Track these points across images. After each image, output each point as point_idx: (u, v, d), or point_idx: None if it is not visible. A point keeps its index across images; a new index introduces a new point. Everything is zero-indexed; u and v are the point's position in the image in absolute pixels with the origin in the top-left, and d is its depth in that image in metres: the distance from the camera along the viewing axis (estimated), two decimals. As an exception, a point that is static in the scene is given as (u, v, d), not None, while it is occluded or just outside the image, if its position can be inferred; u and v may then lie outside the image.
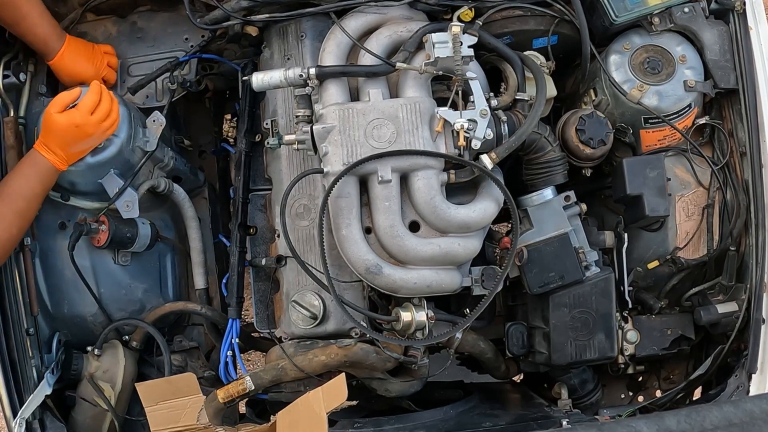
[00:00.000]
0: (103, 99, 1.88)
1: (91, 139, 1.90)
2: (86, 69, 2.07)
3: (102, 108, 1.88)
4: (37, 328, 2.00)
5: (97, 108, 1.87)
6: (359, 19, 1.98)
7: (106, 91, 1.91)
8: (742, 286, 2.04)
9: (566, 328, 2.01)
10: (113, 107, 1.91)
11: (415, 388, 2.06)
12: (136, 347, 2.14)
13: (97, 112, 1.87)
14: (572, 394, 2.20)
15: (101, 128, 1.89)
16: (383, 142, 1.83)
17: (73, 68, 2.05)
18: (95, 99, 1.87)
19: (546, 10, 2.04)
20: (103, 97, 1.89)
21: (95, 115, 1.86)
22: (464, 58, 1.84)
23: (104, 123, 1.88)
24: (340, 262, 1.88)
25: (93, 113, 1.86)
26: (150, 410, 1.92)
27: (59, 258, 2.04)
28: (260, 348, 2.34)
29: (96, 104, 1.87)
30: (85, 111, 1.85)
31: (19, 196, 1.86)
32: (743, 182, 2.04)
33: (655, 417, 1.52)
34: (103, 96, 1.89)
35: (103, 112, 1.88)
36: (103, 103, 1.88)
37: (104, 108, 1.88)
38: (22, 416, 1.89)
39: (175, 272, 2.26)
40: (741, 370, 1.97)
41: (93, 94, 1.87)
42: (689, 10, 2.03)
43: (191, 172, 2.31)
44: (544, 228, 1.99)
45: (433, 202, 1.83)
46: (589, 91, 2.12)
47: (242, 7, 2.00)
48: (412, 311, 1.87)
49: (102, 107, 1.88)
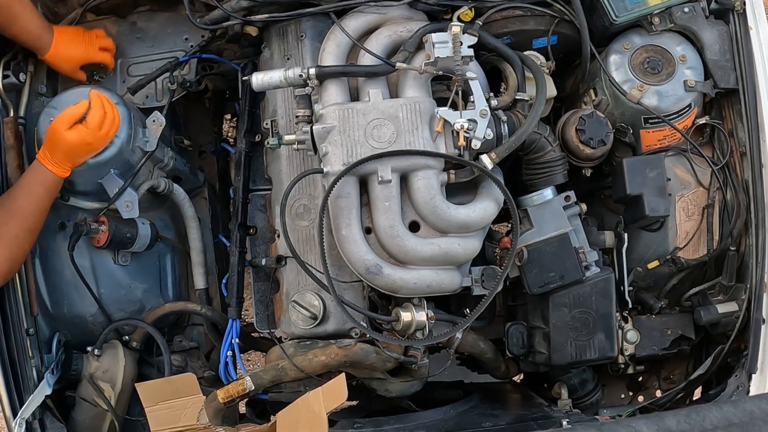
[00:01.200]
0: (107, 111, 1.89)
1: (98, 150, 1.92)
2: (79, 53, 2.08)
3: (108, 121, 1.89)
4: (37, 328, 2.00)
5: (104, 121, 1.88)
6: (359, 19, 1.98)
7: (106, 101, 1.91)
8: (742, 286, 2.04)
9: (566, 328, 2.01)
10: (115, 114, 1.92)
11: (415, 388, 2.06)
12: (136, 347, 2.14)
13: (104, 126, 1.88)
14: (572, 394, 2.20)
15: (108, 138, 1.91)
16: (383, 142, 1.83)
17: (67, 55, 2.06)
18: (102, 114, 1.88)
19: (546, 10, 2.04)
20: (106, 108, 1.89)
21: (103, 129, 1.88)
22: (464, 58, 1.84)
23: (110, 132, 1.91)
24: (340, 262, 1.88)
25: (101, 128, 1.87)
26: (150, 410, 1.92)
27: (59, 258, 2.04)
28: (260, 348, 2.34)
29: (103, 118, 1.88)
30: (95, 128, 1.86)
31: (29, 214, 1.89)
32: (743, 182, 2.04)
33: (655, 417, 1.52)
34: (106, 108, 1.89)
35: (109, 125, 1.89)
36: (108, 115, 1.89)
37: (109, 120, 1.90)
38: (22, 416, 1.90)
39: (175, 272, 2.26)
40: (741, 370, 1.97)
41: (98, 109, 1.87)
42: (689, 10, 2.03)
43: (191, 172, 2.31)
44: (544, 228, 1.99)
45: (433, 202, 1.83)
46: (589, 91, 2.12)
47: (242, 7, 1.99)
48: (412, 311, 1.87)
49: (107, 120, 1.89)
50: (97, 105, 1.88)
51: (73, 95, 2.00)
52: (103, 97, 1.91)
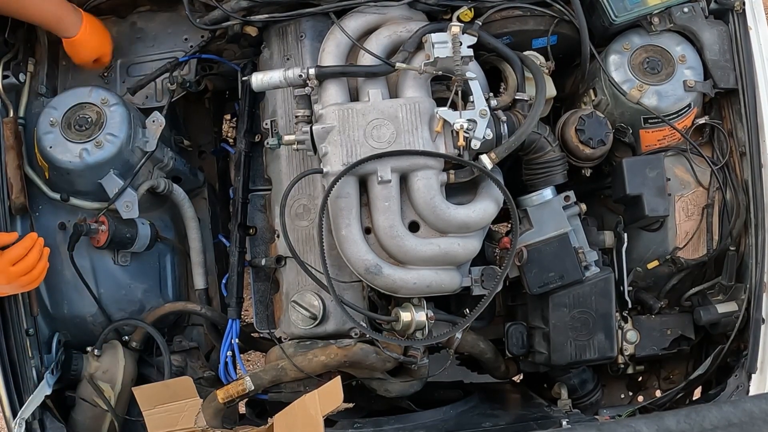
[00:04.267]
0: (31, 253, 1.84)
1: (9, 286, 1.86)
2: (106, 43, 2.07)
3: (27, 263, 1.83)
4: (36, 328, 2.00)
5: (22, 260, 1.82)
6: (359, 19, 1.98)
7: (37, 247, 1.86)
8: (742, 286, 2.04)
9: (566, 328, 2.01)
10: (38, 266, 1.86)
11: (415, 388, 2.06)
12: (135, 347, 2.14)
13: (19, 265, 1.82)
14: (572, 394, 2.20)
15: (19, 282, 1.85)
16: (383, 142, 1.83)
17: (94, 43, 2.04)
18: (21, 253, 1.82)
19: (545, 10, 2.04)
20: (32, 252, 1.84)
21: (17, 267, 1.82)
22: (464, 58, 1.84)
23: (23, 278, 1.84)
24: (340, 262, 1.88)
25: (15, 265, 1.82)
26: (147, 414, 1.92)
27: (59, 258, 2.04)
28: (260, 348, 2.34)
29: (21, 257, 1.82)
30: (7, 261, 1.80)
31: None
32: (743, 182, 2.05)
33: (655, 417, 1.52)
34: (32, 251, 1.84)
35: (25, 266, 1.83)
36: (29, 257, 1.84)
37: (28, 262, 1.84)
38: (22, 416, 1.90)
39: (175, 272, 2.26)
40: (741, 370, 1.97)
41: (21, 249, 1.83)
42: (689, 10, 2.03)
43: (191, 173, 2.31)
44: (543, 228, 1.99)
45: (433, 203, 1.83)
46: (588, 91, 2.12)
47: (242, 8, 2.00)
48: (411, 311, 1.87)
49: (26, 262, 1.83)
50: (22, 245, 1.83)
51: (72, 95, 2.01)
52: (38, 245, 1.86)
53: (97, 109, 1.99)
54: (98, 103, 2.00)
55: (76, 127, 1.98)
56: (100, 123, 1.98)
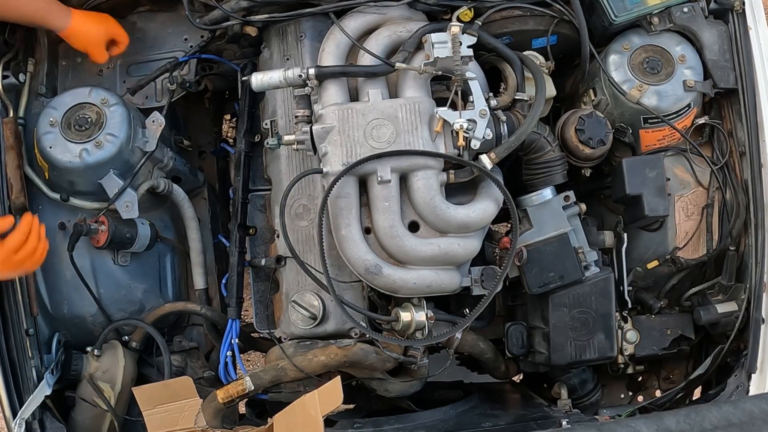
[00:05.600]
0: (30, 238, 1.83)
1: (13, 273, 1.87)
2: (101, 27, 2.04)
3: (26, 249, 1.83)
4: (36, 328, 2.00)
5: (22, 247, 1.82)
6: (358, 20, 1.98)
7: (35, 230, 1.85)
8: (742, 285, 2.04)
9: (566, 328, 2.01)
10: (39, 247, 1.86)
11: (415, 388, 2.06)
12: (135, 348, 2.14)
13: (21, 252, 1.82)
14: (572, 394, 2.20)
15: (23, 267, 1.86)
16: (383, 142, 1.83)
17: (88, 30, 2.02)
18: (21, 239, 1.81)
19: (545, 10, 2.04)
20: (31, 236, 1.83)
21: (19, 254, 1.81)
22: (463, 58, 1.84)
23: (26, 264, 1.84)
24: (340, 262, 1.88)
25: (17, 252, 1.81)
26: (147, 414, 1.92)
27: (59, 258, 2.04)
28: (260, 348, 2.34)
29: (21, 243, 1.81)
30: (9, 250, 1.80)
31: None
32: (743, 182, 2.04)
33: (655, 417, 1.52)
34: (30, 235, 1.83)
35: (26, 252, 1.83)
36: (29, 243, 1.83)
37: (29, 248, 1.83)
38: (22, 417, 1.90)
39: (175, 272, 2.26)
40: (741, 370, 1.97)
41: (20, 234, 1.81)
42: (688, 10, 2.03)
43: (191, 173, 2.31)
44: (543, 228, 1.99)
45: (433, 203, 1.83)
46: (588, 91, 2.12)
47: (241, 8, 2.00)
48: (411, 311, 1.87)
49: (26, 248, 1.82)
50: (20, 230, 1.82)
51: (72, 96, 2.01)
52: (34, 223, 1.85)
53: (96, 109, 2.00)
54: (98, 103, 2.00)
55: (76, 127, 1.98)
56: (100, 123, 1.98)
